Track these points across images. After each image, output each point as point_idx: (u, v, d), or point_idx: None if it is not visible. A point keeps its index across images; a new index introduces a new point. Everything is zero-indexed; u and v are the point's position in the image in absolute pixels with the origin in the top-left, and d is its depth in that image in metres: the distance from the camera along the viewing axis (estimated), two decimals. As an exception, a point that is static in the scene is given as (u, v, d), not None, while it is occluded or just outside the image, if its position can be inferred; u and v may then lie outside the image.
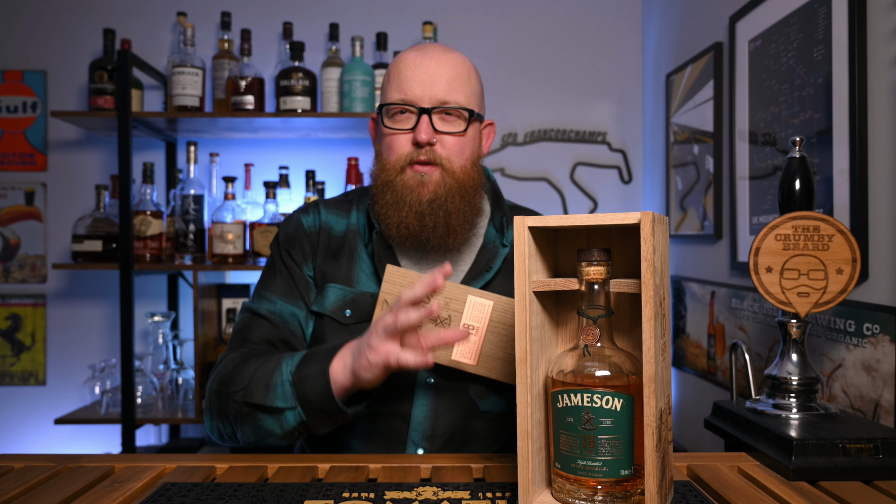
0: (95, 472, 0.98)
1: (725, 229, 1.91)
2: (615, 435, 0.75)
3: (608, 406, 0.75)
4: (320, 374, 1.00)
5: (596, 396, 0.75)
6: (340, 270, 1.18)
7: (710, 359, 2.01)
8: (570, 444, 0.76)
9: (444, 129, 1.12)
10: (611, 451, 0.75)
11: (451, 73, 1.12)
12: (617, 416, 0.75)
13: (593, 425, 0.75)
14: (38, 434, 2.56)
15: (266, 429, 1.04)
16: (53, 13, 2.58)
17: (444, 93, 1.11)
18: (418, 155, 1.11)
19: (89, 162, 2.58)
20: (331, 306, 1.16)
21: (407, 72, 1.12)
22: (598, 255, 0.77)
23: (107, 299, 2.58)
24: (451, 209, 1.11)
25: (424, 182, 1.11)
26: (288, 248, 1.21)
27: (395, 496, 0.86)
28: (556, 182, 2.64)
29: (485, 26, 2.62)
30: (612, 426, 0.75)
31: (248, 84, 2.23)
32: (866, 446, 0.95)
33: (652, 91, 2.54)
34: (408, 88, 1.11)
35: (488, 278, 1.17)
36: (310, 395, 1.00)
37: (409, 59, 1.13)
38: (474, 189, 1.15)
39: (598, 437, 0.75)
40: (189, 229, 2.24)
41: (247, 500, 0.85)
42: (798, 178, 1.10)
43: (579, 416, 0.76)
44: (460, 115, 1.12)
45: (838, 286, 1.07)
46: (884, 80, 1.23)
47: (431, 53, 1.13)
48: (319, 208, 1.25)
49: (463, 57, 1.17)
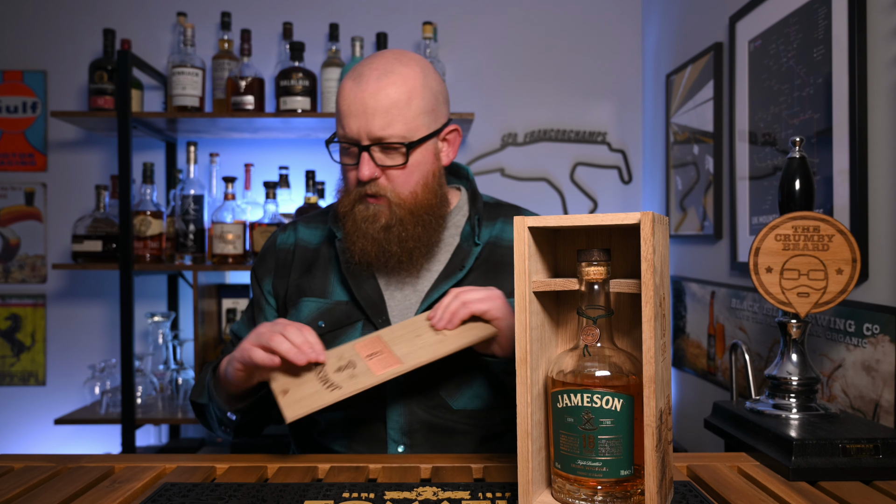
0: (95, 473, 0.98)
1: (725, 229, 1.91)
2: (615, 435, 0.75)
3: (608, 406, 0.75)
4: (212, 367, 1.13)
5: (596, 396, 0.75)
6: (315, 283, 1.22)
7: (710, 359, 2.01)
8: (570, 445, 0.76)
9: (385, 163, 1.12)
10: (611, 451, 0.75)
11: (387, 103, 1.09)
12: (617, 417, 0.75)
13: (593, 425, 0.75)
14: (38, 434, 2.56)
15: (208, 422, 1.22)
16: (53, 13, 2.58)
17: (380, 128, 1.09)
18: (365, 189, 1.13)
19: (89, 162, 2.58)
20: (304, 319, 1.19)
21: (344, 106, 1.11)
22: (598, 255, 0.77)
23: (107, 299, 2.58)
24: (405, 236, 1.14)
25: (375, 214, 1.14)
26: (256, 267, 1.30)
27: (395, 496, 0.86)
28: (556, 182, 2.64)
29: (485, 26, 2.62)
30: (612, 426, 0.75)
31: (248, 84, 2.23)
32: (866, 446, 0.95)
33: (652, 91, 2.54)
34: (346, 125, 1.11)
35: (460, 277, 1.17)
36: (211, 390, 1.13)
37: (346, 92, 1.11)
38: (428, 210, 1.16)
39: (598, 437, 0.75)
40: (189, 229, 2.24)
41: (247, 500, 0.85)
42: (798, 178, 1.10)
43: (579, 417, 0.76)
44: (399, 149, 1.11)
45: (838, 286, 1.07)
46: (884, 80, 1.23)
47: (366, 83, 1.09)
48: (297, 225, 1.30)
49: (404, 74, 1.11)
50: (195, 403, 1.21)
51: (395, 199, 1.13)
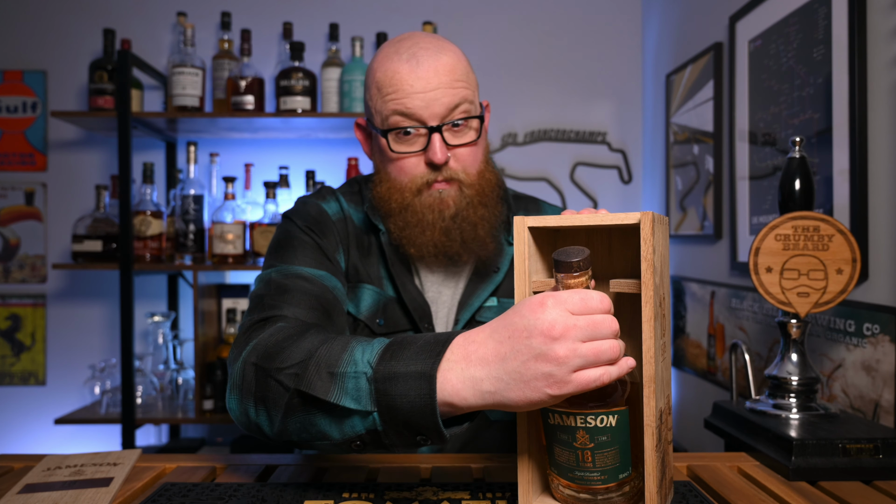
0: (95, 472, 0.98)
1: (725, 229, 1.91)
2: (612, 448, 0.72)
3: (603, 424, 0.71)
4: (421, 378, 0.72)
5: (590, 418, 0.71)
6: (371, 270, 1.08)
7: (710, 359, 2.01)
8: (567, 457, 0.74)
9: (456, 143, 1.03)
10: (608, 462, 0.73)
11: (451, 78, 1.01)
12: (613, 431, 0.71)
13: (588, 442, 0.71)
14: (38, 434, 2.56)
15: (318, 429, 0.79)
16: (53, 13, 2.58)
17: (450, 105, 1.01)
18: (435, 175, 1.03)
19: (89, 162, 2.58)
20: (366, 311, 1.06)
21: (405, 87, 1.00)
22: (577, 264, 0.68)
23: (107, 299, 2.58)
24: (475, 220, 1.05)
25: (444, 199, 1.04)
26: (313, 228, 1.07)
27: (395, 496, 0.86)
28: (556, 182, 2.64)
29: (485, 26, 2.62)
30: (609, 440, 0.72)
31: (248, 84, 2.23)
32: (866, 446, 0.95)
33: (652, 91, 2.54)
34: (410, 107, 1.00)
35: (498, 280, 1.11)
36: (398, 401, 0.73)
37: (403, 74, 1.01)
38: (492, 190, 1.08)
39: (595, 453, 0.72)
40: (189, 229, 2.24)
41: (247, 500, 0.85)
42: (798, 178, 1.10)
43: (573, 436, 0.72)
44: (470, 123, 1.05)
45: (838, 286, 1.07)
46: (884, 80, 1.23)
47: (426, 62, 1.01)
48: (338, 196, 1.14)
49: (454, 50, 1.05)
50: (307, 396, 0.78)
51: (467, 180, 1.04)
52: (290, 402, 0.79)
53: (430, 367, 0.72)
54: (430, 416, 0.72)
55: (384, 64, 1.03)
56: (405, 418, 0.73)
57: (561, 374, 0.66)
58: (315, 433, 0.80)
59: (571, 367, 0.66)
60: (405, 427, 0.74)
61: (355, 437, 0.77)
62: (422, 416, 0.72)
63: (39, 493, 0.85)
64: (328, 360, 0.78)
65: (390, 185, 1.06)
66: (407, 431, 0.74)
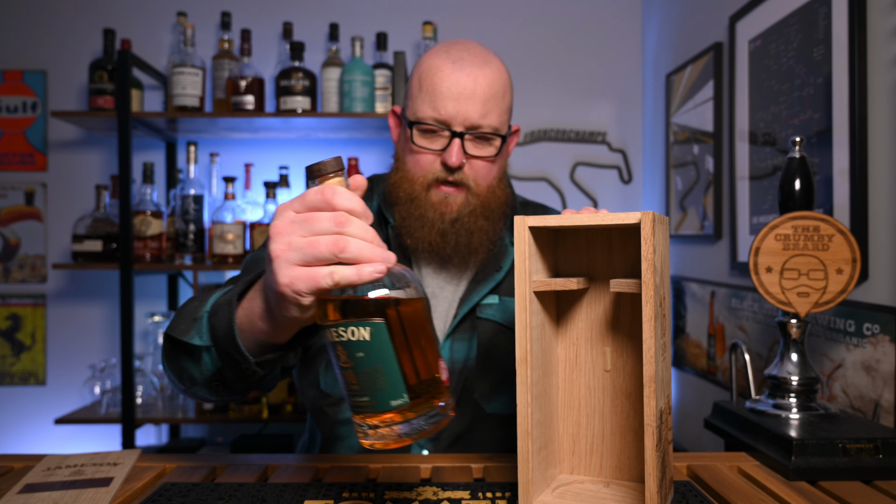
0: (95, 472, 0.98)
1: (725, 229, 1.91)
2: (372, 366, 0.66)
3: (355, 337, 0.65)
4: (229, 304, 0.78)
5: (341, 329, 0.65)
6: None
7: (710, 359, 2.01)
8: (342, 382, 0.69)
9: (474, 153, 1.08)
10: (375, 384, 0.66)
11: (487, 92, 1.06)
12: (369, 347, 0.65)
13: (348, 359, 0.66)
14: (38, 434, 2.56)
15: (189, 374, 0.86)
16: (53, 13, 2.58)
17: (479, 116, 1.06)
18: (446, 176, 1.08)
19: (89, 162, 2.58)
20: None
21: (442, 87, 1.05)
22: (313, 170, 0.68)
23: (107, 299, 2.58)
24: (473, 229, 1.09)
25: (448, 202, 1.08)
26: None
27: (395, 496, 0.86)
28: (556, 182, 2.64)
29: (485, 26, 2.62)
30: (366, 357, 0.65)
31: (248, 84, 2.23)
32: (866, 446, 0.95)
33: (652, 91, 2.54)
34: (441, 107, 1.05)
35: (499, 279, 1.13)
36: (218, 331, 0.79)
37: (445, 73, 1.06)
38: (498, 206, 1.12)
39: (357, 372, 0.66)
40: (189, 229, 2.24)
41: (247, 500, 0.85)
42: (798, 178, 1.10)
43: (336, 352, 0.67)
44: (492, 140, 1.09)
45: (838, 286, 1.07)
46: (884, 80, 1.23)
47: (469, 68, 1.06)
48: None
49: (499, 67, 1.10)
50: (177, 341, 0.86)
51: (475, 189, 1.09)
52: (164, 346, 0.89)
53: (236, 295, 0.78)
54: (231, 337, 0.77)
55: (432, 58, 1.09)
56: (224, 347, 0.79)
57: (283, 271, 0.66)
58: (188, 379, 0.87)
59: (289, 260, 0.66)
60: (227, 357, 0.80)
61: (210, 376, 0.84)
62: (228, 341, 0.78)
63: (39, 493, 0.85)
64: (192, 309, 0.85)
65: (404, 174, 1.11)
66: (229, 360, 0.80)
